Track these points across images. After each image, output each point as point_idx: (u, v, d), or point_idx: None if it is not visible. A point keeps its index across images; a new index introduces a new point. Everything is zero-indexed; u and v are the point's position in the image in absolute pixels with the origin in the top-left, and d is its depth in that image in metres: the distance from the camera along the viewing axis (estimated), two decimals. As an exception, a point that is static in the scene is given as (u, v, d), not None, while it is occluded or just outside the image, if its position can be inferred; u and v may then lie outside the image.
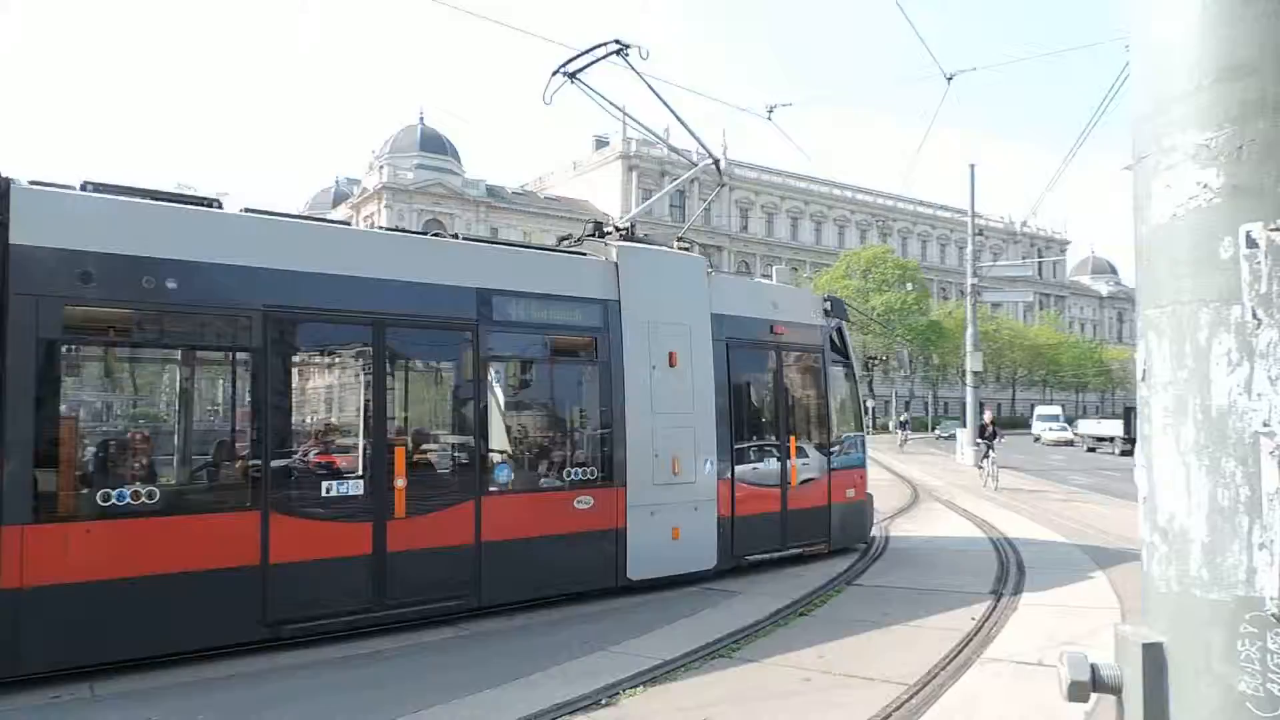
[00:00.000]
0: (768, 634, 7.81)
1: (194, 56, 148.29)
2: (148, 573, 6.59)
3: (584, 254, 9.99)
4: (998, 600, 8.92)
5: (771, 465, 11.09)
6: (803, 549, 11.18)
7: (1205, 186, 1.43)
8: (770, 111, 13.13)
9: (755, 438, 11.17)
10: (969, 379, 31.31)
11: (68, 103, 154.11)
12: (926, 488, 21.84)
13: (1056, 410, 63.01)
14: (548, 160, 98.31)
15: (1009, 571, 10.47)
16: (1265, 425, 1.36)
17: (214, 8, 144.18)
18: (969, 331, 31.53)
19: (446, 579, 8.06)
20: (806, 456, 11.55)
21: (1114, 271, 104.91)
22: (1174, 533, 1.47)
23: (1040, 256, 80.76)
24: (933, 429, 60.80)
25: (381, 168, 60.12)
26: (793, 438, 11.31)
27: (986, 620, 8.09)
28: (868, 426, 12.74)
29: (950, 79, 15.49)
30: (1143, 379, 1.55)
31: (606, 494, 9.25)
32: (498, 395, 9.11)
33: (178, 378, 7.54)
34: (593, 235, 10.67)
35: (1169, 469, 1.48)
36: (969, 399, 31.18)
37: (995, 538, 13.14)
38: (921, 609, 8.63)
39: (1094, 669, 1.58)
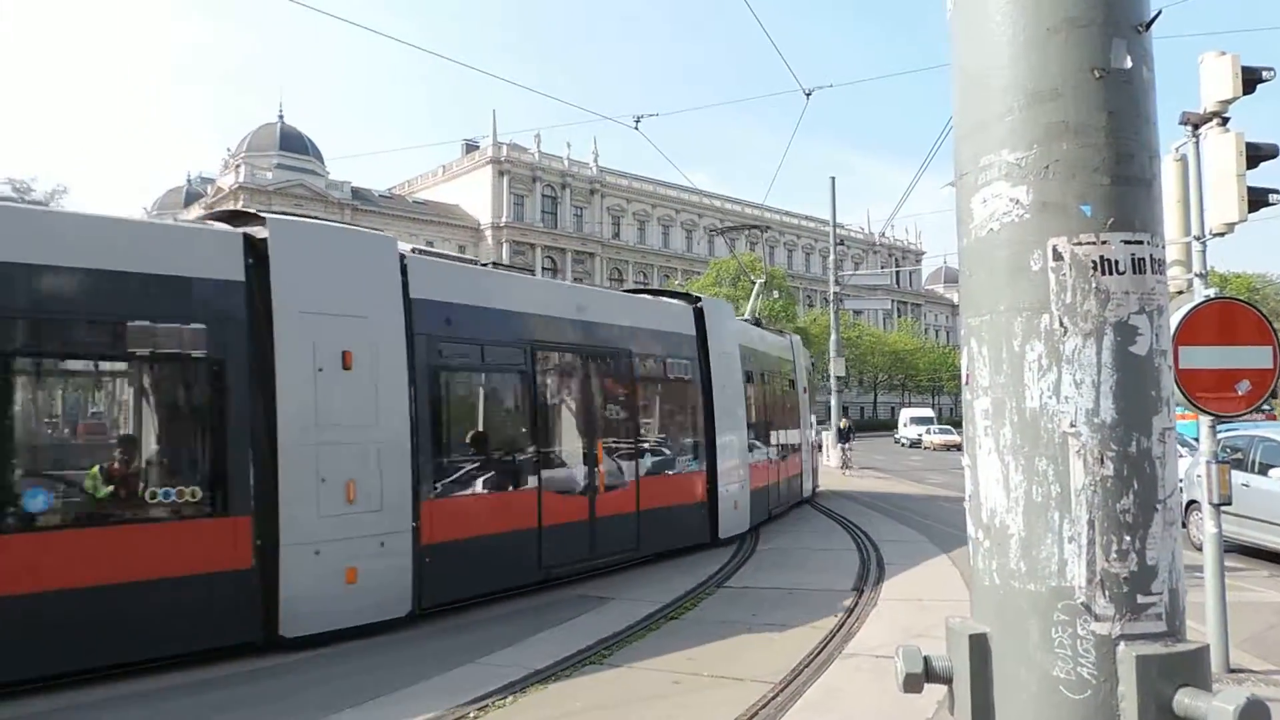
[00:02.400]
0: (640, 638, 7.87)
1: (18, 37, 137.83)
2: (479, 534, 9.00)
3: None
4: (859, 597, 9.28)
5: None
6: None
7: (1017, 203, 1.51)
8: (637, 121, 13.28)
9: None
10: (833, 383, 32.49)
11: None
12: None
13: (930, 412, 58.14)
14: (416, 163, 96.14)
15: (869, 569, 10.91)
16: (1072, 426, 1.46)
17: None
18: (833, 338, 32.73)
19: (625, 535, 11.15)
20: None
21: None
22: (995, 528, 1.55)
23: (897, 266, 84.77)
24: None
25: (238, 167, 56.70)
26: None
27: (848, 617, 8.40)
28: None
29: (809, 94, 16.06)
30: (966, 383, 1.63)
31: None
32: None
33: (511, 396, 10.38)
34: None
35: (990, 468, 1.56)
36: (833, 402, 32.35)
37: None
38: (787, 608, 8.87)
39: (927, 661, 1.64)
